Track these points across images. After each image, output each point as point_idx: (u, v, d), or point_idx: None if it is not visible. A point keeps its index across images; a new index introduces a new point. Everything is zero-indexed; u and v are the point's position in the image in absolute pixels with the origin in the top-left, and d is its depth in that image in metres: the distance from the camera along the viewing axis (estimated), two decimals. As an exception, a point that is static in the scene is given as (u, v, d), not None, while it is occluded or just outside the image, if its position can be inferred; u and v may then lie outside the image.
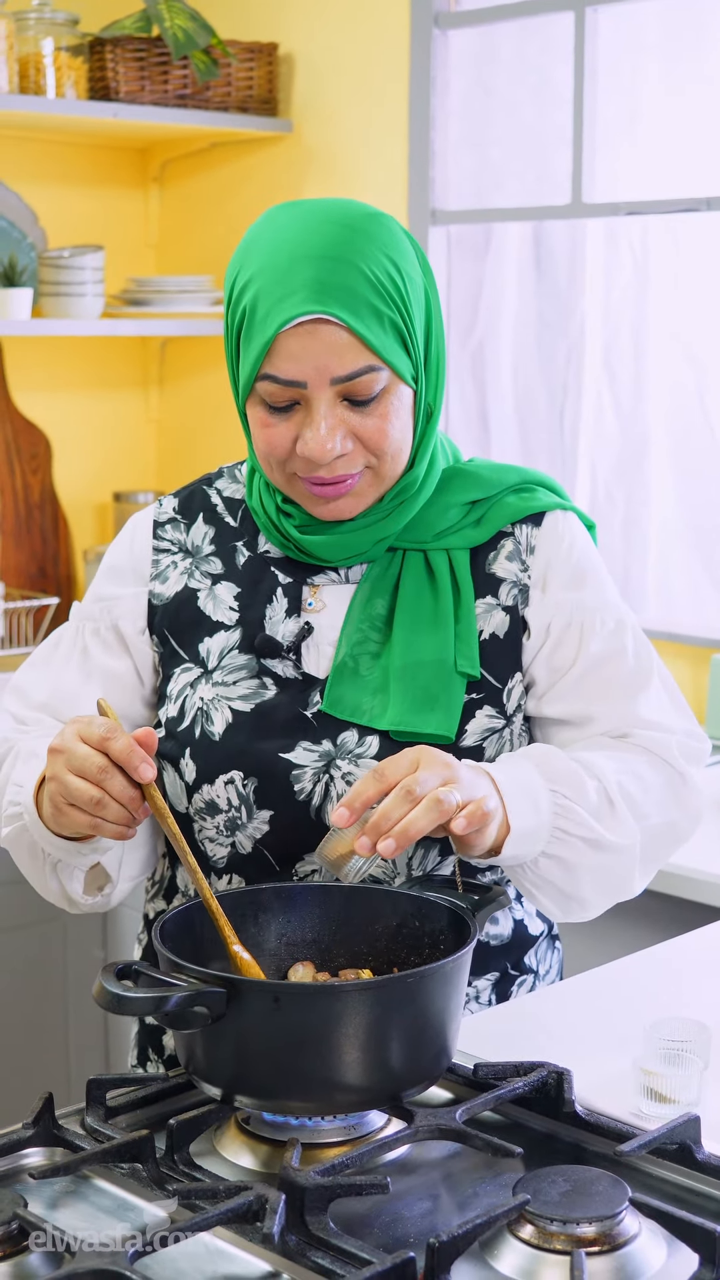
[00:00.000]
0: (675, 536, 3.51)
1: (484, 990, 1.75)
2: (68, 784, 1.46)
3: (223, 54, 3.71)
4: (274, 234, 1.60)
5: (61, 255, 3.69)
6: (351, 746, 1.64)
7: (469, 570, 1.69)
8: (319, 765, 1.64)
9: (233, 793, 1.65)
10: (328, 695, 1.65)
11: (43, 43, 3.58)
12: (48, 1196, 1.34)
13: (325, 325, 1.56)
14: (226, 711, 1.67)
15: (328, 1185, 1.28)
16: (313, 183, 3.83)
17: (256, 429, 1.63)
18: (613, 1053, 1.63)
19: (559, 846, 1.58)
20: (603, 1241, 1.24)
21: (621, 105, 3.42)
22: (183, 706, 1.69)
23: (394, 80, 3.66)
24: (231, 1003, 1.34)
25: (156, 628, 1.74)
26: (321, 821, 1.64)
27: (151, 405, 4.19)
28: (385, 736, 1.63)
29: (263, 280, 1.58)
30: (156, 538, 1.76)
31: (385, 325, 1.58)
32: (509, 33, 3.58)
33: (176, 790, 1.69)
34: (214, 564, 1.74)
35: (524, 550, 1.71)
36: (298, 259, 1.57)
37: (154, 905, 1.81)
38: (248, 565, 1.73)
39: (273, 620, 1.69)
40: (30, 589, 3.96)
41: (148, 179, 4.12)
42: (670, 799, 1.67)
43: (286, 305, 1.56)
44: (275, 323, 1.56)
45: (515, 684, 1.69)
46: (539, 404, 3.68)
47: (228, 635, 1.70)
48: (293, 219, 1.61)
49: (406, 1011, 1.37)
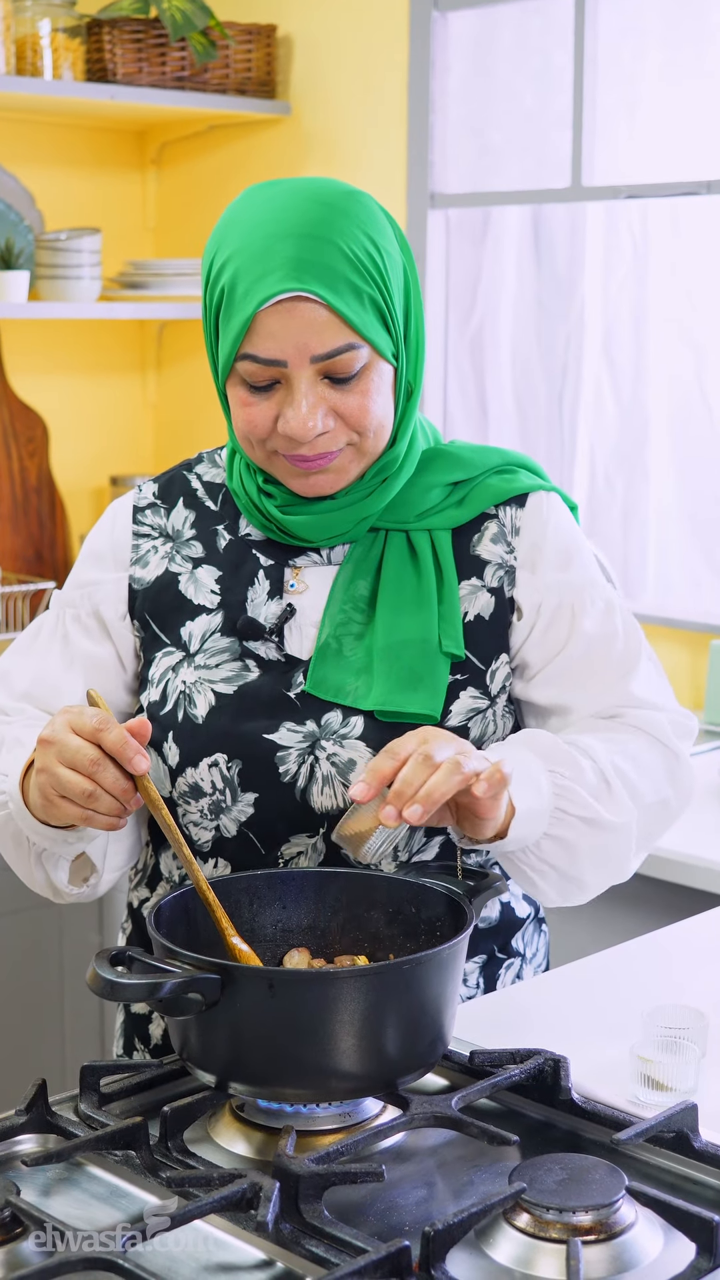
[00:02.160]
0: (674, 522, 3.50)
1: (471, 973, 1.74)
2: (59, 776, 1.45)
3: (221, 36, 3.69)
4: (251, 213, 1.59)
5: (59, 238, 3.68)
6: (336, 727, 1.63)
7: (451, 551, 1.69)
8: (304, 746, 1.63)
9: (217, 775, 1.64)
10: (311, 676, 1.64)
11: (40, 24, 3.56)
12: (41, 1184, 1.34)
13: (305, 303, 1.55)
14: (209, 694, 1.66)
15: (322, 1173, 1.27)
16: (311, 165, 3.81)
17: (237, 408, 1.62)
18: (610, 1040, 1.62)
19: (560, 827, 1.58)
20: (599, 1230, 1.23)
21: (621, 88, 3.41)
22: (165, 690, 1.69)
23: (393, 63, 3.64)
24: (226, 989, 1.33)
25: (137, 612, 1.73)
26: (307, 803, 1.63)
27: (149, 389, 4.18)
28: (369, 717, 1.63)
29: (241, 259, 1.57)
30: (136, 523, 1.76)
31: (365, 302, 1.57)
32: (509, 15, 3.56)
33: (159, 774, 1.68)
34: (195, 548, 1.73)
35: (509, 532, 1.70)
36: (276, 237, 1.56)
37: (137, 894, 1.80)
38: (229, 548, 1.72)
39: (255, 602, 1.69)
40: (27, 573, 3.95)
41: (145, 161, 4.11)
42: (663, 777, 1.67)
43: (265, 283, 1.55)
44: (254, 301, 1.55)
45: (500, 665, 1.69)
46: (538, 389, 3.66)
47: (210, 618, 1.69)
48: (270, 198, 1.60)
49: (402, 998, 1.36)
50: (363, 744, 1.62)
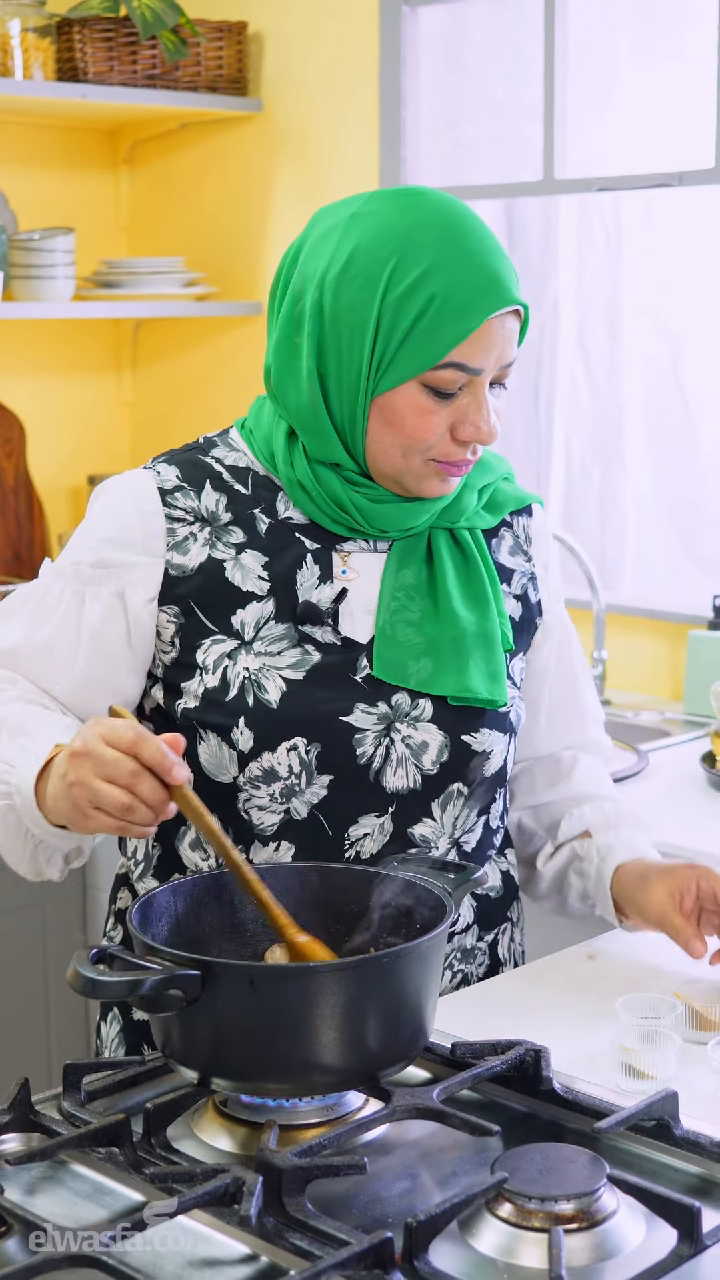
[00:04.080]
0: (651, 512, 3.51)
1: (484, 945, 1.81)
2: (97, 789, 1.44)
3: (191, 33, 3.69)
4: (432, 225, 1.64)
5: (32, 238, 3.67)
6: (406, 709, 1.69)
7: (488, 551, 1.79)
8: (379, 728, 1.68)
9: (295, 759, 1.66)
10: (377, 659, 1.70)
11: (9, 24, 3.55)
12: (24, 1182, 1.34)
13: (513, 316, 1.67)
14: (278, 680, 1.67)
15: (305, 1166, 1.27)
16: (284, 162, 3.81)
17: (413, 416, 1.65)
18: (591, 1031, 1.63)
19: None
20: (581, 1218, 1.24)
21: (593, 81, 3.41)
22: (224, 677, 1.68)
23: (364, 58, 3.64)
24: (207, 985, 1.33)
25: (177, 599, 1.70)
26: (380, 784, 1.68)
27: (125, 388, 4.18)
28: (437, 701, 1.70)
29: (454, 271, 1.62)
30: (168, 505, 1.72)
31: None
32: (479, 9, 3.56)
33: (223, 761, 1.68)
34: (235, 533, 1.72)
35: (524, 541, 1.84)
36: (480, 251, 1.64)
37: (143, 884, 1.79)
38: (270, 532, 1.73)
39: (305, 586, 1.71)
40: (5, 574, 3.95)
41: (118, 160, 4.10)
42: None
43: (491, 295, 1.63)
44: (481, 312, 1.62)
45: (519, 662, 1.80)
46: (513, 381, 3.66)
47: (261, 605, 1.70)
48: (435, 210, 1.65)
49: (382, 991, 1.37)
50: (434, 726, 1.70)
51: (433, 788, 1.69)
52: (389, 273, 1.63)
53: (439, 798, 1.70)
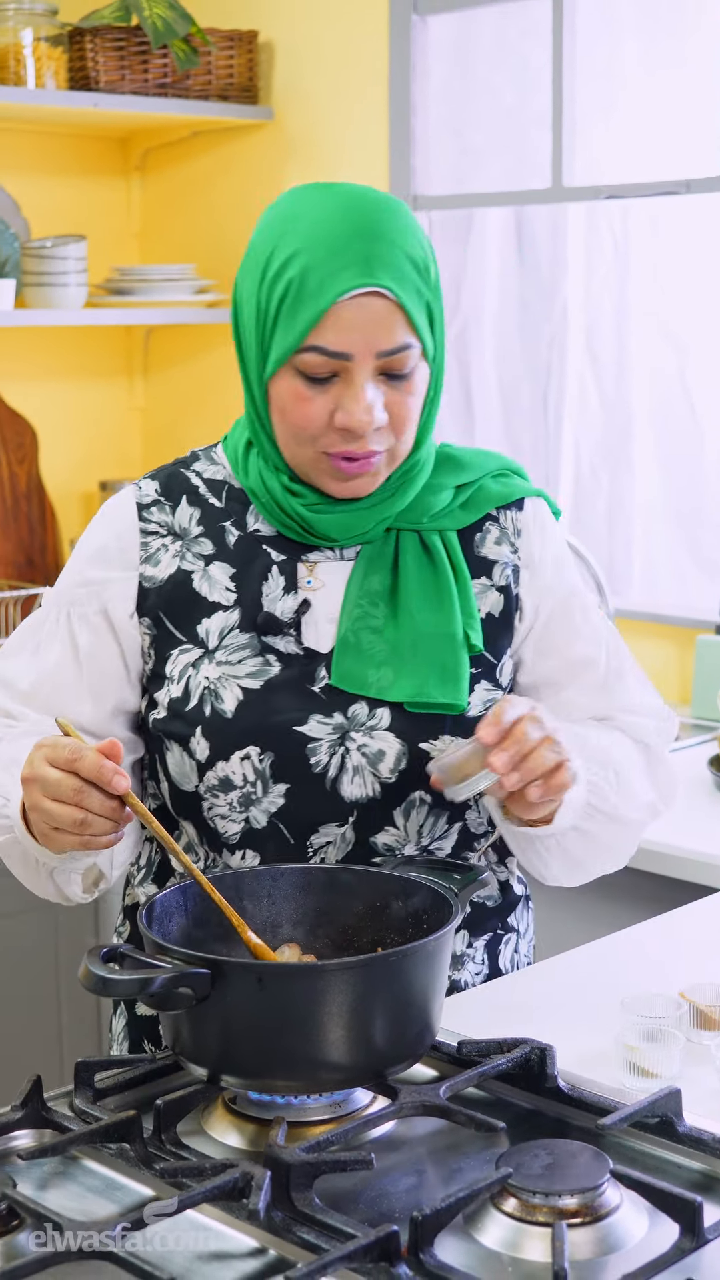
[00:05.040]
0: (659, 518, 3.52)
1: (477, 950, 1.79)
2: (48, 810, 1.48)
3: (202, 42, 3.71)
4: (314, 210, 1.64)
5: (44, 245, 3.70)
6: (363, 719, 1.67)
7: (461, 551, 1.75)
8: (334, 737, 1.67)
9: (249, 768, 1.67)
10: (335, 669, 1.69)
11: (22, 33, 3.58)
12: (37, 1177, 1.36)
13: (377, 298, 1.61)
14: (236, 689, 1.69)
15: (313, 1161, 1.29)
16: (294, 169, 3.83)
17: (291, 403, 1.64)
18: (596, 1030, 1.65)
19: (587, 820, 1.66)
20: (584, 1213, 1.25)
21: (600, 89, 3.43)
22: (186, 687, 1.70)
23: (374, 66, 3.66)
24: (216, 984, 1.35)
25: (149, 610, 1.74)
26: (337, 793, 1.67)
27: (136, 394, 4.20)
28: (395, 708, 1.68)
29: (313, 254, 1.61)
30: (143, 519, 1.76)
31: (422, 304, 1.64)
32: (488, 18, 3.58)
33: (185, 769, 1.70)
34: (205, 545, 1.75)
35: (511, 534, 1.77)
36: (350, 234, 1.61)
37: (144, 889, 1.82)
38: (239, 544, 1.74)
39: (270, 597, 1.71)
40: (18, 579, 3.97)
41: (129, 168, 4.13)
42: (649, 779, 1.76)
43: (343, 277, 1.60)
44: (331, 293, 1.60)
45: (507, 660, 1.76)
46: (522, 387, 3.69)
47: (226, 615, 1.72)
48: (327, 198, 1.65)
49: (390, 990, 1.39)
50: (391, 735, 1.67)
51: (393, 796, 1.68)
52: (266, 259, 1.65)
53: (400, 806, 1.68)
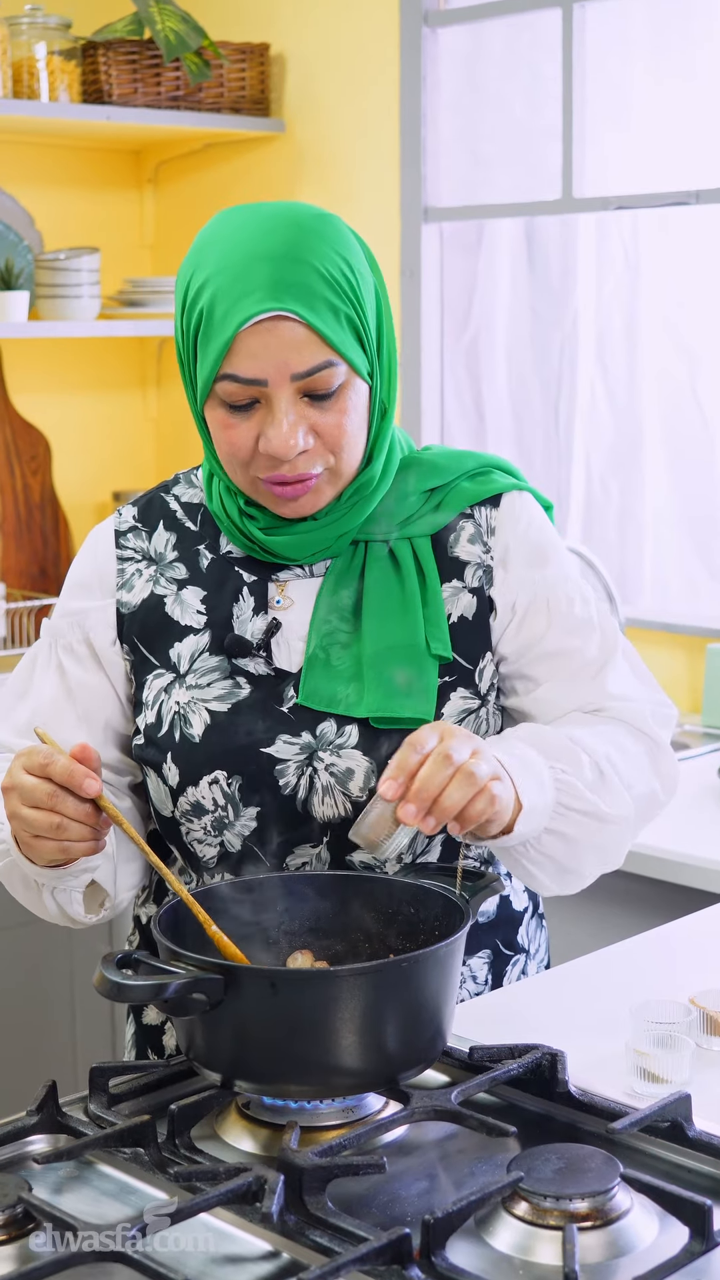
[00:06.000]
0: (670, 526, 3.53)
1: (480, 970, 1.78)
2: (25, 817, 1.49)
3: (214, 55, 3.73)
4: (226, 237, 1.62)
5: (58, 258, 3.72)
6: (331, 737, 1.65)
7: (432, 556, 1.71)
8: (301, 758, 1.65)
9: (218, 792, 1.67)
10: (303, 688, 1.67)
11: (35, 47, 3.60)
12: (52, 1181, 1.37)
13: (284, 322, 1.58)
14: (204, 713, 1.68)
15: (325, 1165, 1.30)
16: (305, 181, 3.85)
17: (218, 431, 1.64)
18: (606, 1036, 1.65)
19: (561, 822, 1.61)
20: (595, 1217, 1.26)
21: (610, 100, 3.44)
22: (159, 712, 1.71)
23: (385, 78, 3.68)
24: (229, 989, 1.36)
25: (126, 636, 1.74)
26: (308, 813, 1.66)
27: (149, 405, 4.22)
28: (363, 725, 1.65)
29: (219, 282, 1.60)
30: (119, 547, 1.77)
31: (341, 321, 1.60)
32: (498, 30, 3.60)
33: (161, 795, 1.70)
34: (178, 569, 1.75)
35: (484, 532, 1.73)
36: (253, 259, 1.59)
37: (145, 910, 1.82)
38: (211, 567, 1.74)
39: (240, 619, 1.71)
40: (32, 589, 3.99)
41: (142, 180, 4.15)
42: (649, 767, 1.71)
43: (245, 304, 1.58)
44: (234, 322, 1.58)
45: (486, 664, 1.72)
46: (533, 397, 3.70)
47: (197, 639, 1.71)
48: (243, 222, 1.63)
49: (402, 995, 1.39)
50: (359, 753, 1.65)
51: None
52: (185, 288, 1.65)
53: None
